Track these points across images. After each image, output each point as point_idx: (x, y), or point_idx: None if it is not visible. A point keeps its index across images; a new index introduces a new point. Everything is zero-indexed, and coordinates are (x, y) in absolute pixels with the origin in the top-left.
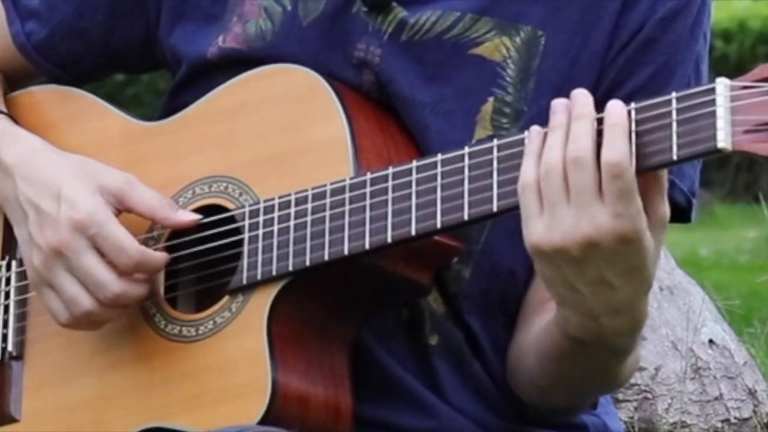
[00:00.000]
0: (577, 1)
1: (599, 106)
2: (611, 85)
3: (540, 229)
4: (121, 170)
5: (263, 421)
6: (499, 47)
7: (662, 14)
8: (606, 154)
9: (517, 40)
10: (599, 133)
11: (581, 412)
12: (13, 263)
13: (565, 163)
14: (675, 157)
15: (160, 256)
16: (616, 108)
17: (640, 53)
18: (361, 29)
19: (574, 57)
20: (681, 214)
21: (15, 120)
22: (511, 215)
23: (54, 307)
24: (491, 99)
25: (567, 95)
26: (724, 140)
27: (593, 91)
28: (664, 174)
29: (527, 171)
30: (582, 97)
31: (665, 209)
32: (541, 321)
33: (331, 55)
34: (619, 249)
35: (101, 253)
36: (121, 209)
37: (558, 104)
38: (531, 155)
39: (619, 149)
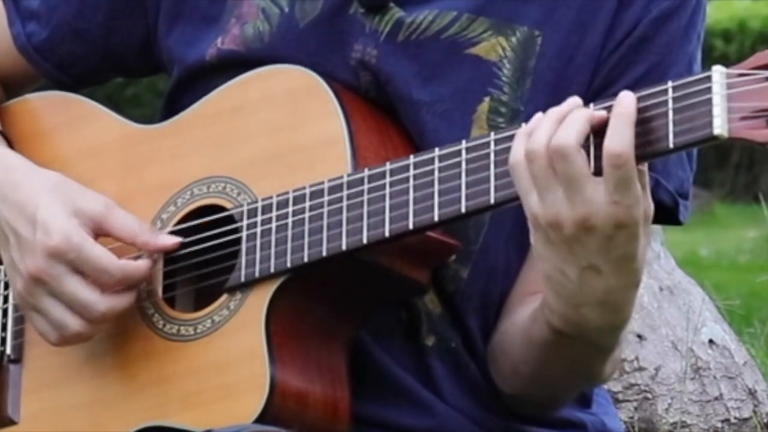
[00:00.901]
0: (572, 1)
1: (589, 103)
2: (603, 83)
3: (535, 201)
4: (100, 194)
5: (261, 419)
6: (495, 47)
7: (656, 14)
8: (609, 143)
9: (513, 39)
10: (606, 123)
11: (561, 408)
12: None
13: (549, 150)
14: (671, 145)
15: (143, 267)
16: (627, 98)
17: (633, 52)
18: (358, 30)
19: (570, 56)
20: (668, 215)
21: (5, 136)
22: (508, 209)
23: (42, 329)
24: (487, 99)
25: (563, 95)
26: (720, 127)
27: (586, 90)
28: (645, 169)
29: (516, 149)
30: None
31: (649, 204)
32: (526, 310)
33: (328, 56)
34: (613, 234)
35: (83, 274)
36: (100, 234)
37: (572, 99)
38: (522, 134)
39: (623, 139)
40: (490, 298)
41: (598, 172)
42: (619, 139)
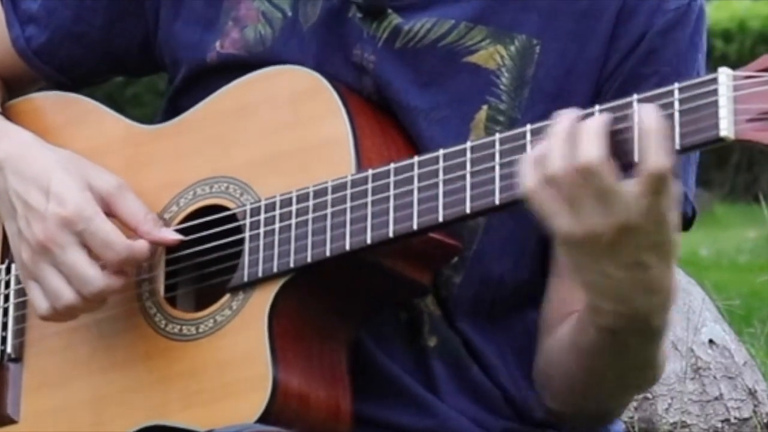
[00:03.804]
0: (572, 10)
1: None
2: (616, 97)
3: (566, 221)
4: (113, 174)
5: (263, 419)
6: (493, 55)
7: (661, 25)
8: (650, 163)
9: (512, 48)
10: (615, 124)
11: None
12: (13, 266)
13: (577, 169)
14: (678, 147)
15: (146, 249)
16: (647, 110)
17: (643, 65)
18: (357, 35)
19: (569, 66)
20: (685, 224)
21: (7, 116)
22: (503, 216)
23: (36, 299)
24: (485, 107)
25: (561, 104)
26: (726, 129)
27: (589, 100)
28: None
29: (528, 177)
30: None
31: (675, 188)
32: (566, 326)
33: (331, 59)
34: (654, 228)
35: (88, 248)
36: (108, 212)
37: (563, 113)
38: (529, 161)
39: (663, 156)
40: (482, 305)
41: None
42: (662, 155)
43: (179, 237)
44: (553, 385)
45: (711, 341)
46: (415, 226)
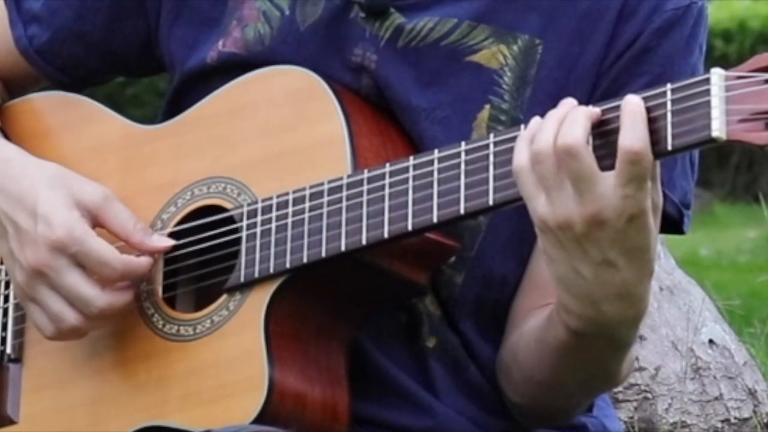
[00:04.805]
0: (574, 10)
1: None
2: (606, 94)
3: (542, 204)
4: (99, 184)
5: (259, 419)
6: (496, 55)
7: (658, 24)
8: (625, 140)
9: (515, 48)
10: (606, 122)
11: (574, 417)
12: None
13: (556, 150)
14: (670, 147)
15: (144, 263)
16: (634, 97)
17: (635, 63)
18: (358, 35)
19: (571, 66)
20: (673, 225)
21: (3, 132)
22: (507, 217)
23: (39, 322)
24: (487, 106)
25: None
26: (718, 129)
27: (588, 100)
28: (656, 162)
29: (519, 154)
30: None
31: (658, 196)
32: (537, 320)
33: (328, 60)
34: (624, 227)
35: (84, 267)
36: (97, 225)
37: (567, 99)
38: (524, 139)
39: (638, 136)
40: (485, 306)
41: (602, 167)
42: (635, 136)
43: (170, 243)
44: (514, 377)
45: (711, 341)
46: (410, 227)
